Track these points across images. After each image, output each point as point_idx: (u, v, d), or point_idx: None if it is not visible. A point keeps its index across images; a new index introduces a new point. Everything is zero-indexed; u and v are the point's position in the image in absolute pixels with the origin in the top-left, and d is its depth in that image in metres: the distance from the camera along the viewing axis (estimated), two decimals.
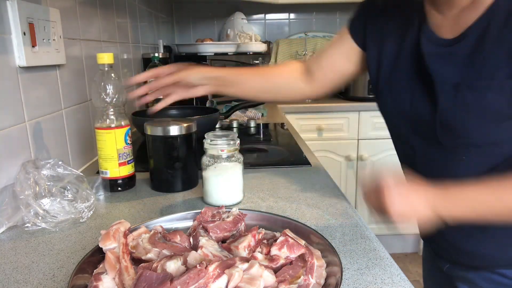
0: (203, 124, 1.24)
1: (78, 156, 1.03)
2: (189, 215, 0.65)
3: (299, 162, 1.06)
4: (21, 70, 0.78)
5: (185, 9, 2.62)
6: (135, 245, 0.54)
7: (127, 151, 0.85)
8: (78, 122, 1.04)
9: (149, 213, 0.75)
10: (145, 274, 0.43)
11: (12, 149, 0.75)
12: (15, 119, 0.77)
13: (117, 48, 1.39)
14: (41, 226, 0.68)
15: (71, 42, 1.01)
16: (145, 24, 1.81)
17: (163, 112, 1.44)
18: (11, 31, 0.75)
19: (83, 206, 0.73)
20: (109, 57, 0.81)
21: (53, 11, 0.89)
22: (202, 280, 0.42)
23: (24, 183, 0.69)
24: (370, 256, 0.58)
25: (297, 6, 2.61)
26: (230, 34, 2.44)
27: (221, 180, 0.76)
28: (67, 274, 0.55)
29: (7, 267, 0.58)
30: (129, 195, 0.85)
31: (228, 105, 1.65)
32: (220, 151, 0.74)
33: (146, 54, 1.72)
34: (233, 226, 0.58)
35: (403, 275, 0.54)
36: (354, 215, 0.72)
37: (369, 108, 2.17)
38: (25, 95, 0.79)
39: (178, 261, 0.47)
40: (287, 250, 0.52)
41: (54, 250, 0.62)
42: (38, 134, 0.84)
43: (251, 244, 0.53)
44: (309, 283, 0.47)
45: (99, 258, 0.53)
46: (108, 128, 0.82)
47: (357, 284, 0.52)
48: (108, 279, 0.48)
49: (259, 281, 0.44)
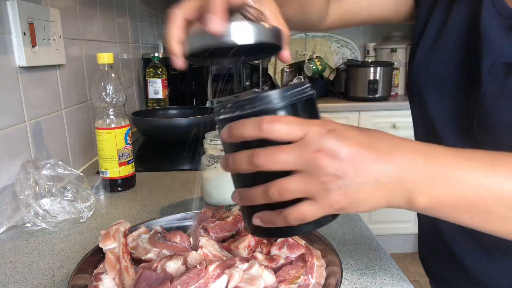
0: (203, 124, 1.24)
1: (78, 156, 1.03)
2: (189, 215, 0.65)
3: None
4: (21, 70, 0.78)
5: None
6: (135, 246, 0.54)
7: (127, 151, 0.85)
8: (78, 122, 1.04)
9: (149, 213, 0.75)
10: (145, 274, 0.43)
11: (12, 149, 0.75)
12: (15, 119, 0.77)
13: (117, 48, 1.39)
14: (41, 226, 0.68)
15: (71, 42, 1.01)
16: (145, 24, 1.81)
17: (162, 113, 1.44)
18: (11, 31, 0.75)
19: (83, 206, 0.73)
20: (109, 57, 0.81)
21: (53, 11, 0.89)
22: (202, 280, 0.42)
23: (24, 183, 0.69)
24: (370, 256, 0.58)
25: None
26: None
27: (221, 180, 0.76)
28: (67, 274, 0.55)
29: (7, 267, 0.58)
30: (129, 195, 0.85)
31: None
32: (220, 151, 0.74)
33: (146, 54, 1.72)
34: (233, 226, 0.58)
35: (403, 275, 0.54)
36: (354, 215, 0.72)
37: (369, 108, 2.17)
38: (25, 95, 0.79)
39: (178, 261, 0.47)
40: (287, 250, 0.52)
41: (54, 250, 0.62)
42: (38, 134, 0.84)
43: (251, 244, 0.53)
44: (309, 283, 0.47)
45: (99, 258, 0.53)
46: (108, 128, 0.82)
47: (357, 284, 0.52)
48: (108, 279, 0.48)
49: (259, 281, 0.44)
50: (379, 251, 0.60)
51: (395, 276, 0.53)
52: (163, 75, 1.63)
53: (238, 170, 0.36)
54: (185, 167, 1.06)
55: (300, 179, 0.34)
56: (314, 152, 0.33)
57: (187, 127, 1.21)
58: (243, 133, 0.35)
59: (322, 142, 0.33)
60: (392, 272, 0.54)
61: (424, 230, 0.72)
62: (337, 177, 0.33)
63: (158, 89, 1.63)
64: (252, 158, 0.34)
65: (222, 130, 0.37)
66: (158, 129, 1.24)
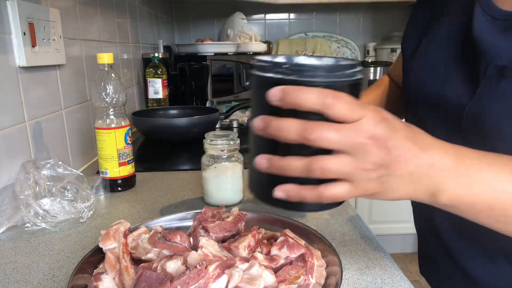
0: (203, 124, 1.24)
1: (78, 156, 1.03)
2: (189, 215, 0.65)
3: None
4: (21, 70, 0.78)
5: (185, 9, 2.62)
6: (135, 246, 0.54)
7: (127, 151, 0.85)
8: (78, 122, 1.04)
9: (149, 213, 0.75)
10: (145, 274, 0.43)
11: (12, 149, 0.75)
12: (15, 119, 0.77)
13: (117, 48, 1.39)
14: (41, 226, 0.68)
15: (71, 42, 1.01)
16: (145, 24, 1.81)
17: (162, 113, 1.44)
18: (11, 31, 0.75)
19: (83, 206, 0.73)
20: (109, 57, 0.81)
21: (53, 11, 0.89)
22: (202, 280, 0.42)
23: (24, 183, 0.69)
24: (370, 256, 0.58)
25: (297, 6, 2.61)
26: (230, 34, 2.44)
27: (221, 180, 0.76)
28: (67, 274, 0.55)
29: (7, 267, 0.58)
30: (129, 195, 0.85)
31: (228, 105, 1.65)
32: (220, 151, 0.74)
33: (146, 54, 1.72)
34: (233, 226, 0.58)
35: (403, 275, 0.54)
36: (354, 215, 0.72)
37: None
38: (25, 95, 0.79)
39: (178, 261, 0.47)
40: (287, 250, 0.52)
41: (54, 250, 0.62)
42: (38, 134, 0.84)
43: (251, 244, 0.53)
44: (309, 283, 0.47)
45: (99, 258, 0.53)
46: (108, 128, 0.82)
47: (357, 284, 0.52)
48: (108, 279, 0.48)
49: (259, 281, 0.44)
50: (379, 251, 0.60)
51: (395, 276, 0.53)
52: (163, 75, 1.63)
53: (279, 136, 0.34)
54: (185, 167, 1.06)
55: (345, 161, 0.34)
56: (366, 138, 0.33)
57: (187, 127, 1.22)
58: (303, 101, 0.33)
59: (376, 129, 0.34)
60: (392, 272, 0.54)
61: (422, 232, 0.72)
62: (381, 166, 0.34)
63: (158, 89, 1.63)
64: (305, 130, 0.33)
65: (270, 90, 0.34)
66: (158, 129, 1.24)
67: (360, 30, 2.72)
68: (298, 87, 0.33)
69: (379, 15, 2.69)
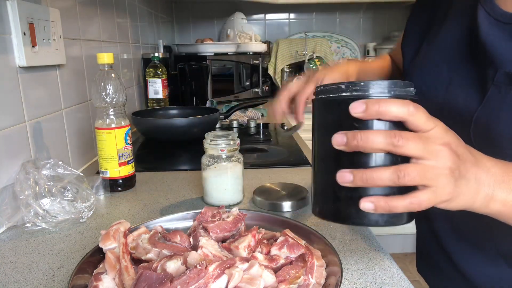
0: (203, 124, 1.25)
1: (78, 156, 1.03)
2: (189, 215, 0.65)
3: (299, 162, 1.06)
4: (21, 70, 0.78)
5: (185, 9, 2.62)
6: (135, 246, 0.54)
7: (127, 151, 0.85)
8: (78, 122, 1.04)
9: (149, 213, 0.75)
10: (145, 274, 0.43)
11: (12, 149, 0.75)
12: (15, 119, 0.77)
13: (117, 48, 1.39)
14: (41, 226, 0.68)
15: (71, 42, 1.01)
16: (145, 24, 1.81)
17: (162, 113, 1.44)
18: (11, 31, 0.75)
19: (83, 206, 0.73)
20: (109, 57, 0.81)
21: (53, 11, 0.89)
22: (202, 280, 0.42)
23: (24, 183, 0.69)
24: (370, 256, 0.58)
25: (297, 6, 2.61)
26: (230, 34, 2.44)
27: (221, 180, 0.76)
28: (67, 274, 0.55)
29: (7, 267, 0.58)
30: (129, 195, 0.85)
31: (228, 105, 1.65)
32: (220, 151, 0.74)
33: (146, 54, 1.73)
34: (233, 226, 0.58)
35: (403, 275, 0.54)
36: None
37: None
38: (25, 95, 0.79)
39: (178, 261, 0.47)
40: (287, 250, 0.52)
41: (54, 250, 0.62)
42: (38, 134, 0.84)
43: (251, 244, 0.53)
44: (309, 283, 0.47)
45: (99, 258, 0.53)
46: (108, 128, 0.82)
47: (357, 284, 0.52)
48: (108, 279, 0.48)
49: (259, 281, 0.44)
50: (379, 251, 0.60)
51: (395, 276, 0.53)
52: (163, 75, 1.63)
53: (365, 147, 0.36)
54: (185, 167, 1.06)
55: (427, 167, 0.36)
56: (441, 144, 0.36)
57: (187, 127, 1.22)
58: (388, 111, 0.36)
59: (447, 137, 0.37)
60: (392, 272, 0.54)
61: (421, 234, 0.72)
62: (455, 170, 0.37)
63: (158, 89, 1.63)
64: (393, 138, 0.35)
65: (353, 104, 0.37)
66: (158, 129, 1.24)
67: (360, 30, 2.72)
68: (380, 99, 0.37)
69: (379, 15, 2.69)
